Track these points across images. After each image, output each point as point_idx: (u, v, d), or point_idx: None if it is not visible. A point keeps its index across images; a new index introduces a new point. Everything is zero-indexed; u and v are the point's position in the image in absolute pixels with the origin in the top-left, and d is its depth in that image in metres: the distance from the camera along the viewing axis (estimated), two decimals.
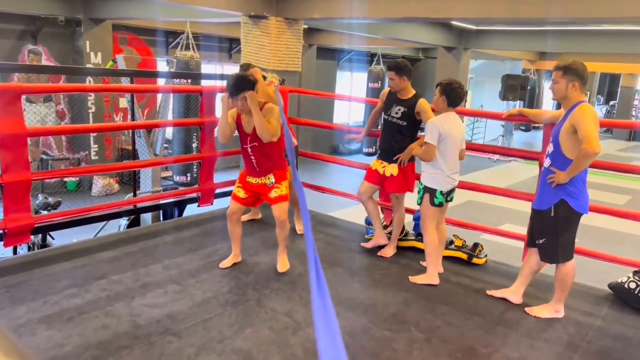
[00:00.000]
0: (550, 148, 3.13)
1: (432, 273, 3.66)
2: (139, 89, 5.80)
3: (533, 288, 3.67)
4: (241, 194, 3.62)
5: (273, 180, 3.54)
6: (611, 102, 24.78)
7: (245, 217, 4.73)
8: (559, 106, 3.35)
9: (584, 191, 3.09)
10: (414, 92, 3.97)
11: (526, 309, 3.30)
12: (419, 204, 3.73)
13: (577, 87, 2.99)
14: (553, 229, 3.12)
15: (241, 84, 3.35)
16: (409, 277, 3.71)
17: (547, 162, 3.15)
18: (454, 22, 9.39)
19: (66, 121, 9.47)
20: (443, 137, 3.53)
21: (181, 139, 6.96)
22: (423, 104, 3.91)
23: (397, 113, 3.98)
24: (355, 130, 4.95)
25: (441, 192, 3.61)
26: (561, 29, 9.69)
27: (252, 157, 3.51)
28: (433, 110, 3.84)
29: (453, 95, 3.55)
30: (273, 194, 3.54)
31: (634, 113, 22.25)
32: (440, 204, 3.65)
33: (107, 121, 9.52)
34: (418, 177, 3.91)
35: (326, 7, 5.46)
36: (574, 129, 2.96)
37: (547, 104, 23.75)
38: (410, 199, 4.14)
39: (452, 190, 3.70)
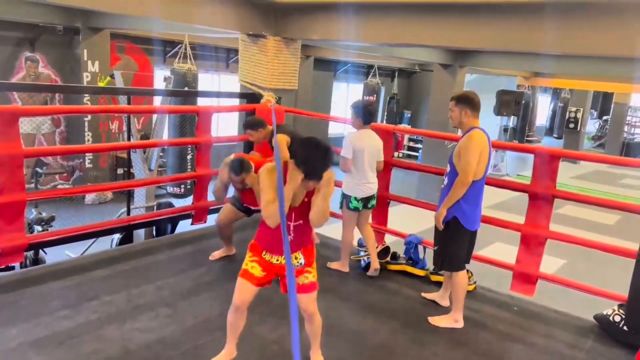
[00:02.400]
0: (447, 168, 3.44)
1: (343, 262, 4.26)
2: (135, 110, 5.85)
3: (520, 317, 3.73)
4: (257, 271, 2.69)
5: (302, 261, 2.68)
6: (604, 117, 24.99)
7: (217, 254, 4.29)
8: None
9: (475, 210, 3.41)
10: None
11: (429, 318, 3.52)
12: (340, 209, 4.26)
13: (469, 114, 3.35)
14: (443, 240, 3.48)
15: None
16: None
17: (445, 181, 3.46)
18: None
19: (61, 129, 9.49)
20: (356, 151, 4.02)
21: (176, 149, 6.93)
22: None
23: None
24: None
25: (356, 198, 4.12)
26: (555, 53, 9.82)
27: (291, 237, 2.63)
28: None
29: (366, 115, 4.10)
30: (303, 279, 2.69)
31: (626, 129, 22.46)
32: (356, 209, 4.16)
33: (102, 129, 9.52)
34: None
35: (325, 30, 5.50)
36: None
37: (541, 119, 23.97)
38: (395, 223, 4.25)
39: (371, 198, 4.18)
